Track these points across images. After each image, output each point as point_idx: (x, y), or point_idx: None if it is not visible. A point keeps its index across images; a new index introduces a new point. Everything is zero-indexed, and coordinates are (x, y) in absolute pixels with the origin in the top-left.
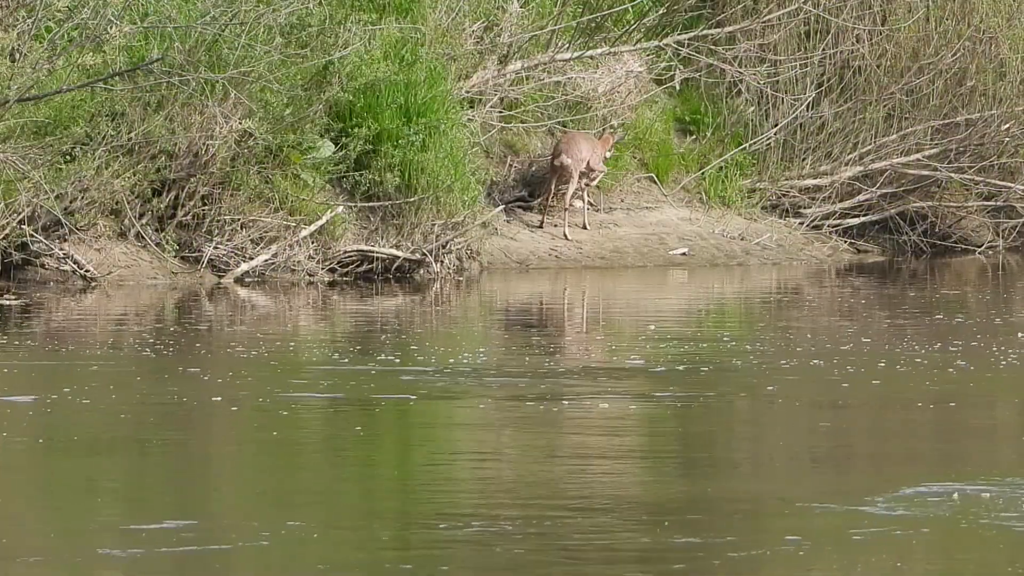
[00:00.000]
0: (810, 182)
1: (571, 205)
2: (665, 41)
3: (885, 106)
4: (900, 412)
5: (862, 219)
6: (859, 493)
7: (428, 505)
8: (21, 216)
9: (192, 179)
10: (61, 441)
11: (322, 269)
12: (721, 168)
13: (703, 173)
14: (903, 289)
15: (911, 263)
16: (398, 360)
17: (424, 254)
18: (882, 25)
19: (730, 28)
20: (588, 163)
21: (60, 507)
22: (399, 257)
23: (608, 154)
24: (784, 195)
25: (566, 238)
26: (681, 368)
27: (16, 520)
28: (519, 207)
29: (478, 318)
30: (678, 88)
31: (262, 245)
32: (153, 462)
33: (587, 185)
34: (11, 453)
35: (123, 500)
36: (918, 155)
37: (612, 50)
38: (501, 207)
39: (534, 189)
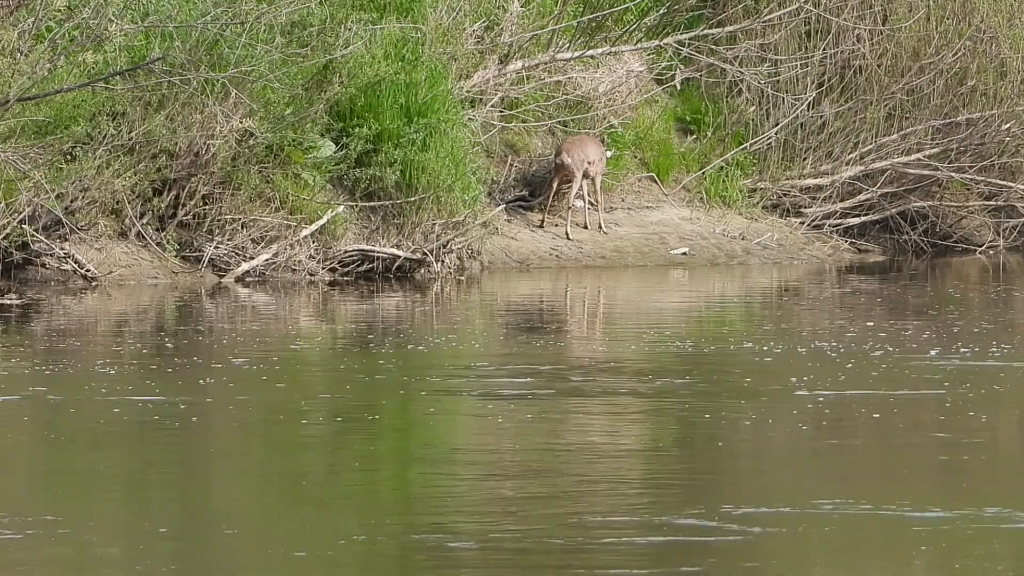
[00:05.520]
0: (811, 182)
1: (573, 205)
2: (666, 41)
3: (886, 106)
4: (902, 412)
5: (863, 219)
6: (861, 493)
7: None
8: (22, 216)
9: (193, 178)
10: (61, 440)
11: (323, 268)
12: (722, 168)
13: (704, 173)
14: (904, 289)
15: (912, 263)
16: (399, 359)
17: (425, 254)
18: (883, 25)
19: (731, 28)
20: (594, 164)
21: (59, 506)
22: (400, 256)
23: (609, 153)
24: (785, 195)
25: (568, 237)
26: (682, 367)
27: (15, 518)
28: (520, 207)
29: (479, 317)
30: (679, 88)
31: (263, 245)
32: (153, 462)
33: (592, 190)
34: (11, 452)
35: (123, 499)
36: (919, 155)
37: (613, 50)
38: (502, 207)
39: (535, 189)
